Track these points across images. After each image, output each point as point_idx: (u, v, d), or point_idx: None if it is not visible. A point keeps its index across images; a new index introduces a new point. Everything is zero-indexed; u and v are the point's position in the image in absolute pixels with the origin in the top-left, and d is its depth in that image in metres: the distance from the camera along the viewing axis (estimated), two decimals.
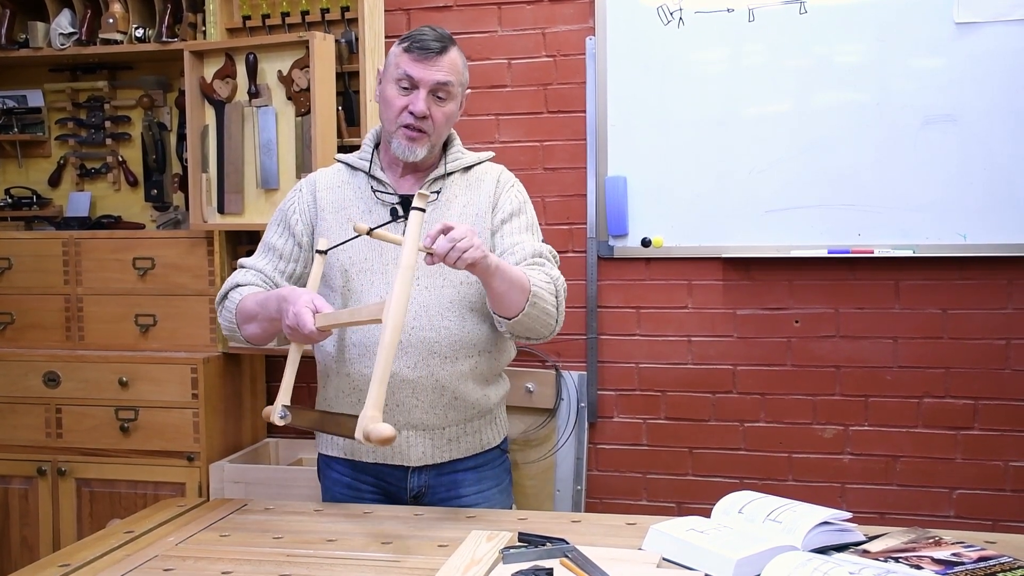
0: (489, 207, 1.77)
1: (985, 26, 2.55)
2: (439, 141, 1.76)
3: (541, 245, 1.77)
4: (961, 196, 2.59)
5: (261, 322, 1.68)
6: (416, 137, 1.71)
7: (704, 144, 2.74)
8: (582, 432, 2.84)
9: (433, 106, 1.70)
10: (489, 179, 1.80)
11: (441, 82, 1.69)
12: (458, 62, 1.74)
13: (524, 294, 1.60)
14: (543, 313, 1.65)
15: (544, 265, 1.73)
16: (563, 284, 1.73)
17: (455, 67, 1.72)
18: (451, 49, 1.72)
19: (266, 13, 2.78)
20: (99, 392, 2.74)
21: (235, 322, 1.74)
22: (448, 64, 1.71)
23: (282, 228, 1.82)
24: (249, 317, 1.71)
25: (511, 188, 1.81)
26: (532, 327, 1.66)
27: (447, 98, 1.72)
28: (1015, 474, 2.63)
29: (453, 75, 1.71)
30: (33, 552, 2.78)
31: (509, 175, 1.85)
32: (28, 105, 3.12)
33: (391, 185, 1.77)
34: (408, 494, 1.75)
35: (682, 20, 2.73)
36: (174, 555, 1.45)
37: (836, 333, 2.72)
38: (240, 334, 1.75)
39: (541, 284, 1.65)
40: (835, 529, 1.38)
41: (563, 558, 1.33)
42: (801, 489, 2.72)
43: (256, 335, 1.73)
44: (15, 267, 2.91)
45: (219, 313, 1.80)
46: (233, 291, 1.77)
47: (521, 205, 1.80)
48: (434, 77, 1.69)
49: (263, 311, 1.66)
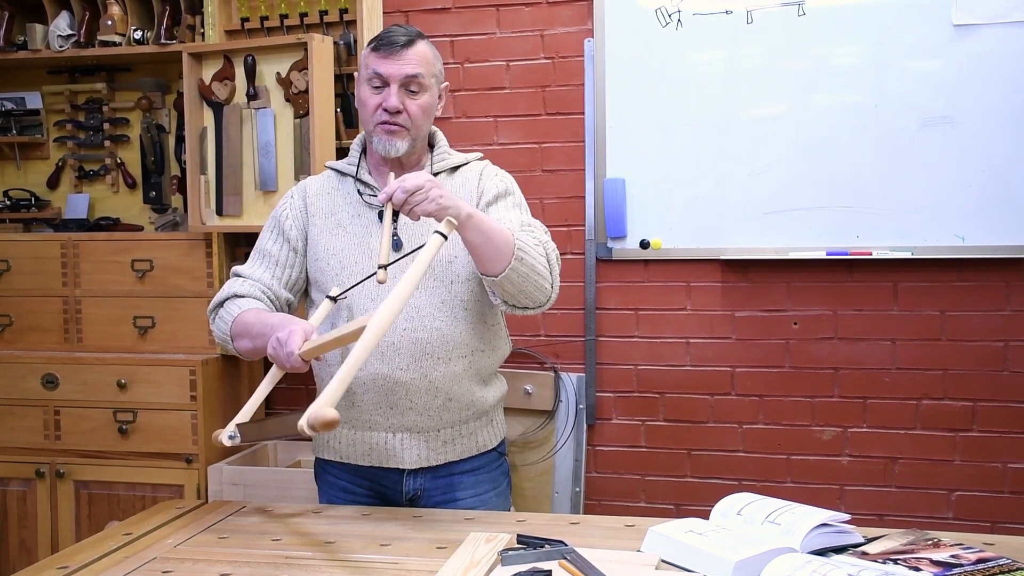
0: (475, 199, 1.76)
1: (983, 28, 2.56)
2: (419, 134, 1.75)
3: (532, 219, 1.75)
4: (959, 198, 2.60)
5: (255, 338, 1.65)
6: (394, 131, 1.71)
7: (703, 146, 2.74)
8: (581, 434, 2.84)
9: (407, 100, 1.70)
10: (474, 174, 1.80)
11: (410, 75, 1.69)
12: (427, 54, 1.72)
13: (508, 247, 1.56)
14: (532, 271, 1.60)
15: (535, 232, 1.69)
16: (555, 250, 1.69)
17: (424, 59, 1.71)
18: (418, 42, 1.71)
19: (264, 15, 2.78)
20: (97, 394, 2.73)
21: (229, 334, 1.72)
22: (416, 56, 1.70)
23: (276, 234, 1.81)
24: (245, 331, 1.68)
25: (495, 176, 1.80)
26: (523, 288, 1.61)
27: (420, 90, 1.71)
28: (1014, 476, 2.63)
29: (422, 67, 1.70)
30: (32, 554, 2.78)
31: (494, 168, 1.83)
32: (26, 107, 3.12)
33: (379, 188, 1.77)
34: (404, 497, 1.75)
35: (680, 22, 2.73)
36: (173, 557, 1.45)
37: (835, 335, 2.72)
38: (232, 345, 1.73)
39: (528, 242, 1.61)
40: (834, 531, 1.38)
41: (562, 560, 1.33)
42: (800, 491, 2.72)
43: (248, 350, 1.70)
44: (13, 269, 2.91)
45: (212, 321, 1.78)
46: (230, 301, 1.75)
47: (507, 187, 1.78)
48: (402, 71, 1.68)
49: (260, 328, 1.63)
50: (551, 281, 1.67)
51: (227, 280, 1.82)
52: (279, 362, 1.56)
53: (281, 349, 1.52)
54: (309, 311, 1.81)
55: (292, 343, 1.50)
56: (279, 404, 3.08)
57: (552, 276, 1.67)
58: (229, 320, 1.72)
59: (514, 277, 1.58)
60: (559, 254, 1.73)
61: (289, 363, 1.52)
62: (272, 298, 1.77)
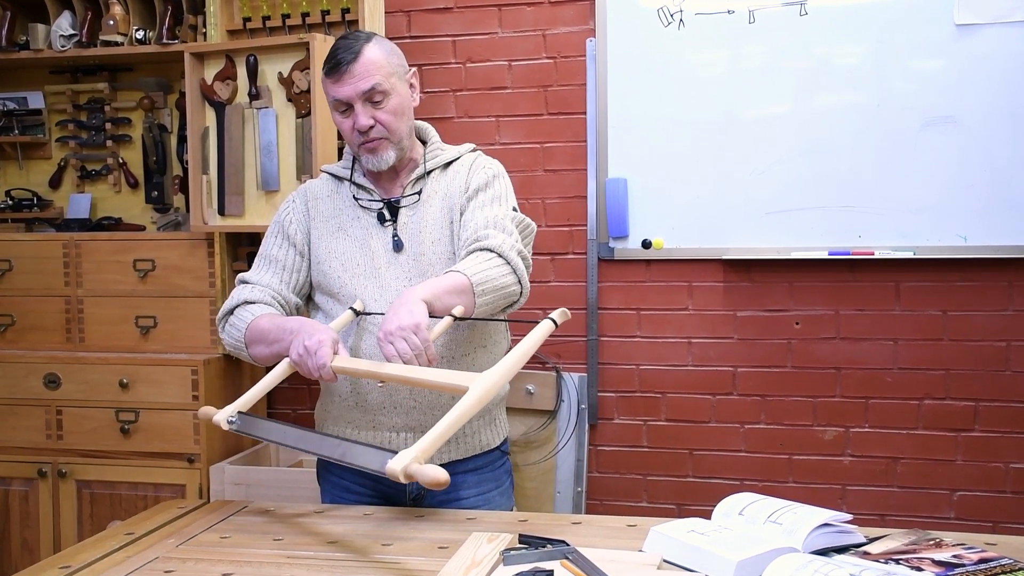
0: (462, 192, 1.75)
1: (985, 28, 2.55)
2: (401, 138, 1.73)
3: (499, 213, 1.69)
4: (961, 198, 2.59)
5: (272, 344, 1.65)
6: (376, 147, 1.70)
7: (704, 146, 2.74)
8: (582, 434, 2.84)
9: (375, 112, 1.68)
10: (464, 168, 1.79)
11: (366, 90, 1.66)
12: (378, 58, 1.68)
13: (468, 294, 1.55)
14: (495, 290, 1.59)
15: (487, 238, 1.63)
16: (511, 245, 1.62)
17: (376, 65, 1.67)
18: (365, 49, 1.67)
19: (266, 15, 2.78)
20: (99, 394, 2.74)
21: (243, 341, 1.71)
22: (366, 68, 1.66)
23: (281, 239, 1.81)
24: (260, 338, 1.67)
25: (482, 169, 1.77)
26: (496, 304, 1.61)
27: (384, 98, 1.68)
28: (1016, 476, 2.62)
29: (377, 74, 1.67)
30: (33, 554, 2.78)
31: (484, 159, 1.81)
32: (28, 107, 3.12)
33: (375, 191, 1.77)
34: (407, 497, 1.75)
35: (682, 22, 2.73)
36: (175, 557, 1.45)
37: (836, 335, 2.72)
38: (246, 352, 1.72)
39: (479, 267, 1.58)
40: (836, 531, 1.38)
41: (564, 560, 1.33)
42: (801, 491, 2.72)
43: (264, 356, 1.70)
44: (15, 269, 2.91)
45: (222, 329, 1.77)
46: (241, 308, 1.74)
47: (489, 179, 1.75)
48: (358, 88, 1.66)
49: (278, 333, 1.63)
50: (517, 280, 1.63)
51: (231, 282, 1.81)
52: (305, 370, 1.55)
53: (310, 359, 1.51)
54: (313, 315, 1.81)
55: (324, 355, 1.50)
56: (280, 404, 3.08)
57: (516, 274, 1.63)
58: (242, 327, 1.71)
59: (484, 308, 1.59)
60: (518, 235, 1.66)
61: (319, 374, 1.52)
62: (282, 303, 1.77)
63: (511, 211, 1.73)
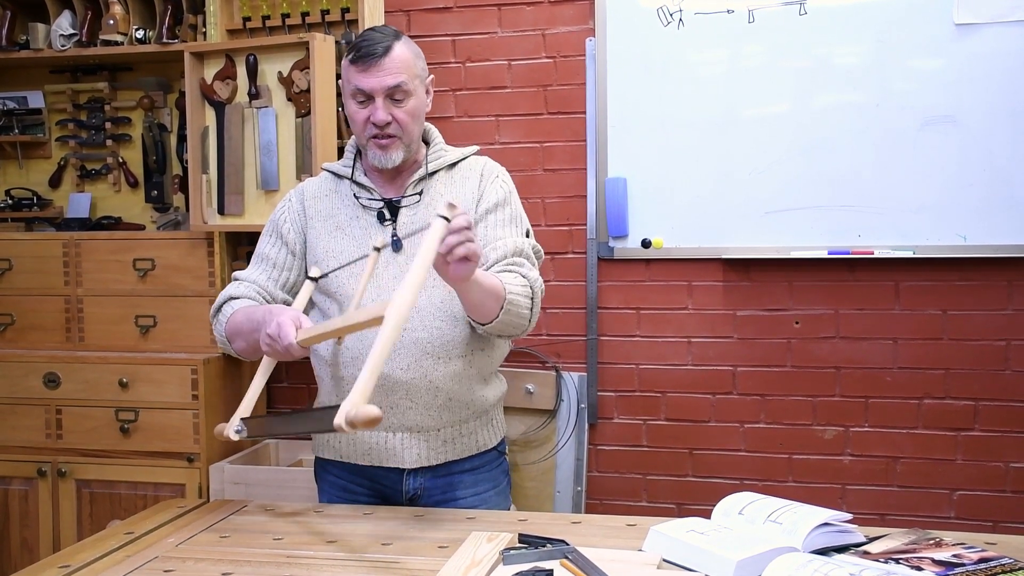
0: (474, 201, 1.75)
1: (985, 27, 2.55)
2: (412, 140, 1.74)
3: (524, 242, 1.74)
4: (961, 197, 2.59)
5: (247, 336, 1.67)
6: (387, 144, 1.70)
7: (704, 145, 2.74)
8: (582, 433, 2.84)
9: (394, 109, 1.68)
10: (474, 173, 1.79)
11: (392, 85, 1.66)
12: (407, 57, 1.69)
13: (499, 302, 1.57)
14: (516, 317, 1.62)
15: (523, 266, 1.69)
16: (540, 286, 1.70)
17: (405, 64, 1.68)
18: (395, 46, 1.67)
19: (266, 14, 2.78)
20: (99, 393, 2.74)
21: (226, 337, 1.74)
22: (396, 64, 1.66)
23: (274, 238, 1.82)
24: (237, 331, 1.70)
25: (496, 179, 1.78)
26: (504, 330, 1.65)
27: (405, 98, 1.68)
28: (1015, 475, 2.62)
29: (404, 73, 1.67)
30: (33, 553, 2.78)
31: (494, 166, 1.82)
32: (28, 106, 3.12)
33: (376, 190, 1.77)
34: (404, 496, 1.75)
35: (682, 21, 2.73)
36: (174, 556, 1.45)
37: (836, 334, 2.72)
38: (231, 348, 1.76)
39: (516, 290, 1.62)
40: (835, 530, 1.38)
41: (563, 559, 1.33)
42: (801, 490, 2.72)
43: (244, 350, 1.73)
44: (15, 268, 2.91)
45: (214, 326, 1.80)
46: (226, 304, 1.77)
47: (506, 196, 1.77)
48: (384, 83, 1.66)
49: (249, 324, 1.65)
50: (530, 319, 1.68)
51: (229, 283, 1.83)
52: (278, 356, 1.57)
53: (277, 343, 1.53)
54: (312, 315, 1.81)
55: (286, 335, 1.51)
56: (280, 403, 3.08)
57: (532, 313, 1.68)
58: (224, 323, 1.74)
59: (499, 326, 1.61)
60: (542, 283, 1.71)
61: (289, 354, 1.53)
62: (267, 299, 1.78)
63: (529, 238, 1.76)
